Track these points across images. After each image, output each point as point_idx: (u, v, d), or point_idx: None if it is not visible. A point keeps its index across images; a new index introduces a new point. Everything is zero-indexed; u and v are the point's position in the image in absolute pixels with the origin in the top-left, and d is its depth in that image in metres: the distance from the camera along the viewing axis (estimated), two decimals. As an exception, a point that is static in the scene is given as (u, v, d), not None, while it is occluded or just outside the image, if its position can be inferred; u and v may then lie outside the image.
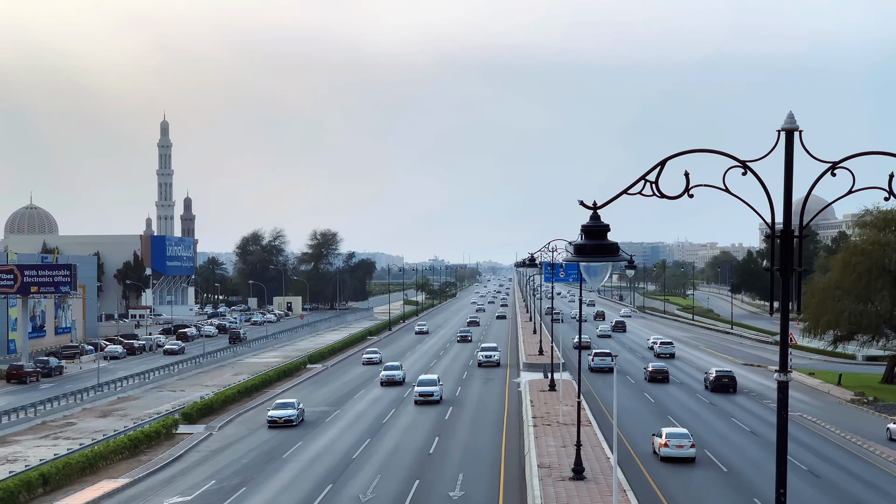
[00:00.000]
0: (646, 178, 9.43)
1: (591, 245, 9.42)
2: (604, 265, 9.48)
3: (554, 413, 52.17)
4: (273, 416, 54.59)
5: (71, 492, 39.04)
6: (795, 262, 9.73)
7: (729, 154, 9.63)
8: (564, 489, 34.43)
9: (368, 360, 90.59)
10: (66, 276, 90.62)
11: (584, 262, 9.54)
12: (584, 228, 9.47)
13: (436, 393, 61.06)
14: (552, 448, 42.27)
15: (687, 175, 9.49)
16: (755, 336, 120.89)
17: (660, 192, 9.39)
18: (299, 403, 57.15)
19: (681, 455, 41.52)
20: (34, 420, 61.23)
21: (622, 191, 9.52)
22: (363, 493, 37.38)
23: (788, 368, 10.39)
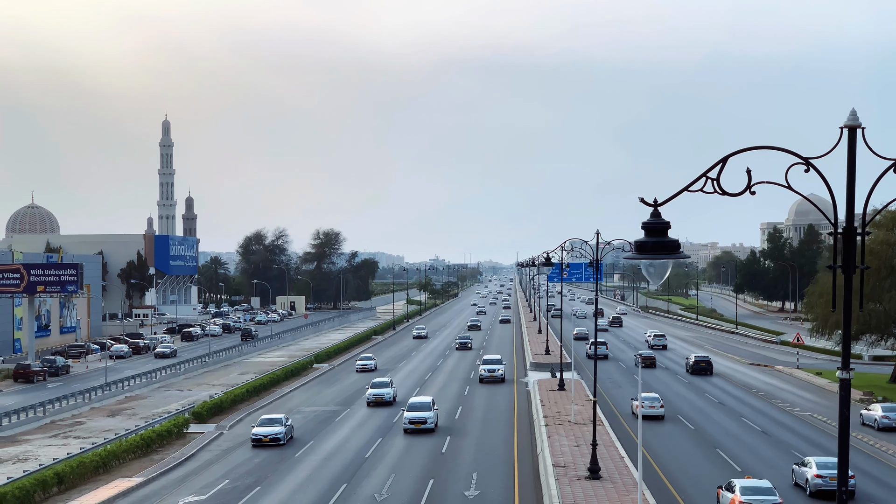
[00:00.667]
0: (707, 175, 9.41)
1: (652, 242, 9.40)
2: (665, 262, 9.46)
3: (565, 412, 52.15)
4: (258, 434, 47.94)
5: (85, 491, 39.03)
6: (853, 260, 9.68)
7: (792, 151, 9.61)
8: (581, 488, 34.41)
9: (363, 366, 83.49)
10: (73, 276, 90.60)
11: (645, 260, 9.52)
12: (645, 225, 9.45)
13: (429, 419, 50.22)
14: (566, 447, 42.25)
15: (749, 172, 9.48)
16: (760, 336, 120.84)
17: (721, 189, 9.38)
18: (287, 419, 50.52)
19: (652, 413, 53.00)
20: (43, 419, 61.28)
21: (683, 188, 9.51)
22: (378, 491, 37.39)
23: (850, 367, 10.36)
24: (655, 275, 9.51)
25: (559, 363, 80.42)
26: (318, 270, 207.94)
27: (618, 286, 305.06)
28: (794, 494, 36.24)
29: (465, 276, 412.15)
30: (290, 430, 49.87)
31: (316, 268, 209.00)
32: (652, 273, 9.52)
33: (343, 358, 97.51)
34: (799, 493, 36.34)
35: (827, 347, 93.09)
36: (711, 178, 9.39)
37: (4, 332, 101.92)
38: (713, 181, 9.38)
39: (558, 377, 66.33)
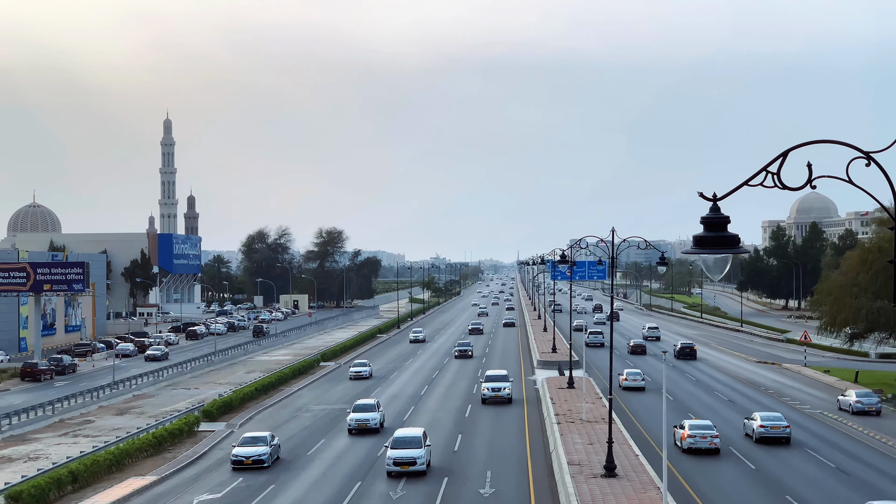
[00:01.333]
0: (767, 169, 9.35)
1: (711, 237, 9.34)
2: (725, 257, 9.40)
3: (576, 410, 52.10)
4: (238, 455, 41.58)
5: (99, 489, 39.00)
6: None
7: (853, 146, 9.54)
8: (598, 486, 34.36)
9: (356, 374, 76.22)
10: (79, 274, 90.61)
11: (704, 254, 9.45)
12: (705, 220, 9.39)
13: (420, 460, 39.82)
14: (579, 446, 42.20)
15: (810, 166, 9.42)
16: (765, 334, 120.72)
17: (782, 184, 9.31)
18: (273, 438, 44.09)
19: (635, 385, 65.68)
20: (52, 418, 61.26)
21: (742, 182, 9.45)
22: (393, 490, 37.34)
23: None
24: (715, 269, 9.44)
25: (566, 361, 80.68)
26: (321, 269, 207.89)
27: (620, 284, 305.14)
28: (745, 441, 46.93)
29: (466, 274, 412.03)
30: (275, 449, 43.58)
31: (319, 266, 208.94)
32: (711, 268, 9.45)
33: (349, 356, 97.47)
34: (748, 440, 47.09)
35: (834, 345, 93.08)
36: (771, 172, 9.33)
37: (10, 331, 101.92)
38: (773, 175, 9.31)
39: (567, 375, 66.24)
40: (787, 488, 37.04)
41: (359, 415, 51.16)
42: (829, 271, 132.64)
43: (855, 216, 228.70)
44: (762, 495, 36.17)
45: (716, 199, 9.42)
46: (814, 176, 9.37)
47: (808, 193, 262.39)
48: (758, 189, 9.63)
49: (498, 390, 60.03)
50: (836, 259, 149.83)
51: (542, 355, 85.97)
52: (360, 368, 77.55)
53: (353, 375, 76.28)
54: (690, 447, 43.08)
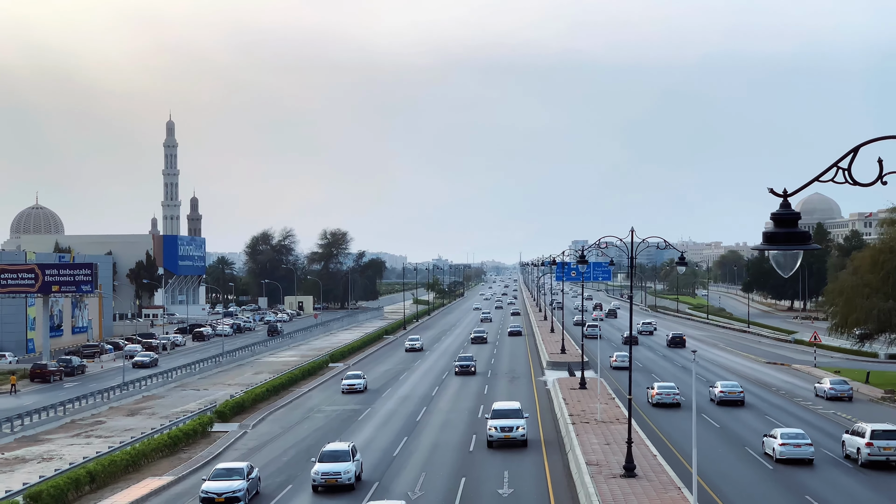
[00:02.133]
0: (838, 164, 9.31)
1: (782, 233, 9.31)
2: (795, 253, 9.37)
3: (590, 411, 52.06)
4: (209, 492, 35.56)
5: (117, 489, 38.98)
6: None
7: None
8: (618, 486, 34.31)
9: (350, 387, 67.87)
10: (88, 276, 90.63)
11: (774, 251, 9.42)
12: (775, 217, 9.35)
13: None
14: (595, 445, 42.15)
15: (880, 162, 9.38)
16: (773, 335, 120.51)
17: (852, 180, 9.27)
18: (251, 470, 37.50)
19: (623, 366, 75.40)
20: (64, 418, 61.27)
21: (813, 178, 9.41)
22: (411, 489, 37.33)
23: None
24: (786, 266, 9.41)
25: (576, 362, 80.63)
26: (326, 270, 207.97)
27: (620, 286, 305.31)
28: (710, 405, 59.50)
29: (469, 275, 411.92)
30: (254, 483, 37.17)
31: (323, 268, 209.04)
32: (782, 264, 9.42)
33: (357, 357, 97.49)
34: (712, 404, 59.64)
35: (842, 346, 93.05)
36: (842, 168, 9.29)
37: (18, 332, 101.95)
38: (844, 171, 9.28)
39: (579, 376, 66.16)
40: (727, 429, 50.81)
41: (327, 467, 37.73)
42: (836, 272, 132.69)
43: (858, 217, 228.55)
44: (707, 430, 49.70)
45: (786, 195, 9.39)
46: (884, 172, 9.32)
47: (811, 194, 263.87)
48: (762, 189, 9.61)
49: (509, 430, 45.91)
50: (843, 260, 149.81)
51: (550, 356, 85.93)
52: (354, 381, 68.63)
53: (345, 389, 67.43)
54: (658, 402, 58.15)
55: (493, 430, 46.12)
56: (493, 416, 47.49)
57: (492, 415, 47.76)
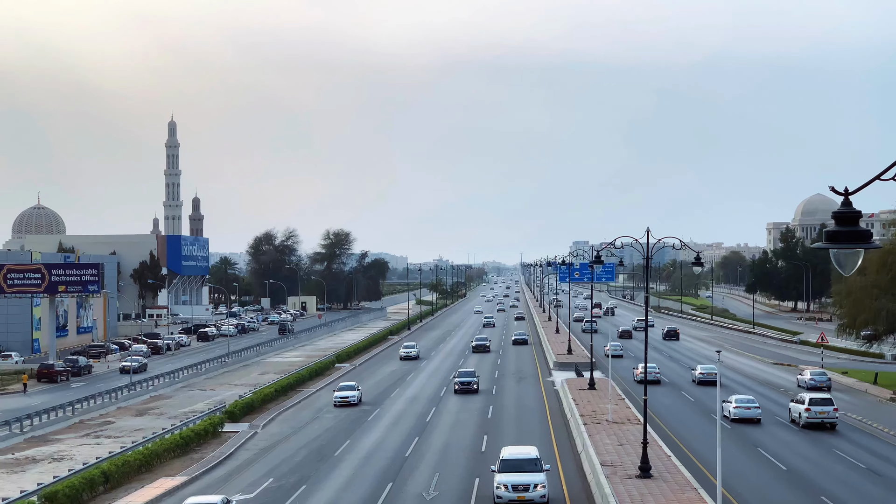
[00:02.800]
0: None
1: (844, 231, 9.27)
2: (857, 252, 9.33)
3: (601, 411, 52.00)
4: None
5: (131, 490, 38.93)
6: None
7: None
8: (635, 487, 34.26)
9: (342, 399, 60.59)
10: (94, 276, 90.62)
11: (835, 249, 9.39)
12: (836, 215, 9.32)
13: None
14: (609, 446, 42.09)
15: (941, 160, 9.33)
16: (778, 336, 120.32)
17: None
18: None
19: (616, 353, 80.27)
20: (72, 419, 61.24)
21: (874, 177, 9.38)
22: (426, 490, 37.29)
23: None
24: (846, 265, 9.37)
25: (584, 363, 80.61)
26: (329, 270, 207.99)
27: (622, 287, 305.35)
28: (691, 385, 70.81)
29: (471, 276, 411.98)
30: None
31: (326, 268, 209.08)
32: (843, 263, 9.38)
33: (363, 357, 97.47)
34: (692, 384, 70.46)
35: (848, 347, 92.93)
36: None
37: (23, 333, 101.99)
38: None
39: (588, 377, 66.12)
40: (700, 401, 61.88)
41: None
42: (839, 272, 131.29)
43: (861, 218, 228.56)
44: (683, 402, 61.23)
45: (847, 193, 9.36)
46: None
47: (813, 195, 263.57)
48: (763, 190, 9.55)
49: (524, 489, 34.73)
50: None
51: (557, 356, 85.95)
52: (348, 393, 61.18)
53: (338, 401, 60.57)
54: (641, 380, 61.07)
55: (502, 490, 34.72)
56: (501, 468, 36.08)
57: (499, 467, 36.20)
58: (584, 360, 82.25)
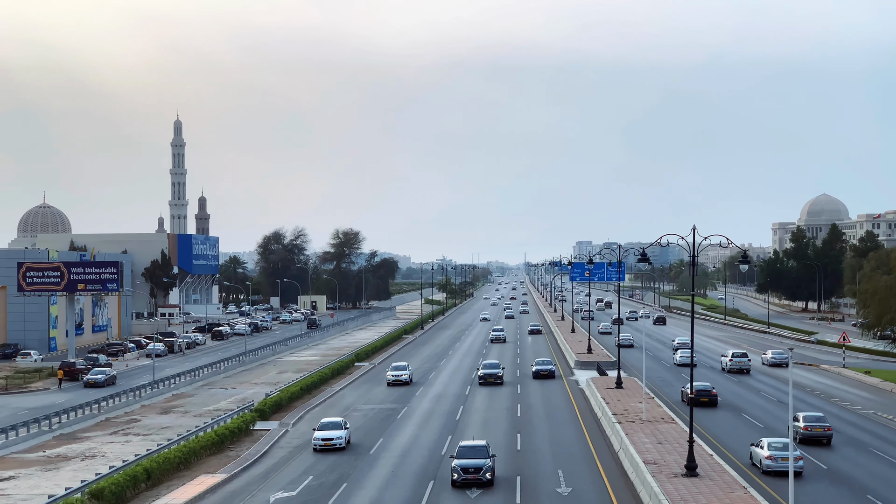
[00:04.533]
0: None
1: None
2: None
3: (633, 410, 51.83)
4: None
5: (172, 487, 38.85)
6: None
7: None
8: (683, 486, 34.10)
9: (324, 442, 45.54)
10: (113, 274, 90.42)
11: None
12: None
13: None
14: (648, 445, 41.92)
15: None
16: (794, 336, 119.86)
17: None
18: None
19: (606, 331, 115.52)
20: (98, 416, 61.19)
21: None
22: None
23: None
24: None
25: (606, 361, 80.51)
26: (338, 270, 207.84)
27: (629, 286, 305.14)
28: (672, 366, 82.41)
29: (477, 276, 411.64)
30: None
31: (335, 267, 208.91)
32: None
33: (381, 357, 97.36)
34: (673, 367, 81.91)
35: (867, 347, 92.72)
36: None
37: (41, 331, 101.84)
38: None
39: (612, 375, 65.98)
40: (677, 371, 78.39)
41: None
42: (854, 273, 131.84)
43: (867, 218, 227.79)
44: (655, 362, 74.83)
45: None
46: None
47: (818, 195, 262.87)
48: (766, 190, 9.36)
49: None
50: (860, 261, 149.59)
51: (577, 355, 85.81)
52: (332, 433, 45.94)
53: (319, 445, 45.66)
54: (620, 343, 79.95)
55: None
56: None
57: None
58: (606, 359, 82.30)
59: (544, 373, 73.71)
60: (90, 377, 76.12)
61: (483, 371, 72.44)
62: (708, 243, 34.77)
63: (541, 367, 74.60)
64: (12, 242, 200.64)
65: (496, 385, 70.25)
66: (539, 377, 73.42)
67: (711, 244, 34.75)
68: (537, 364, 75.63)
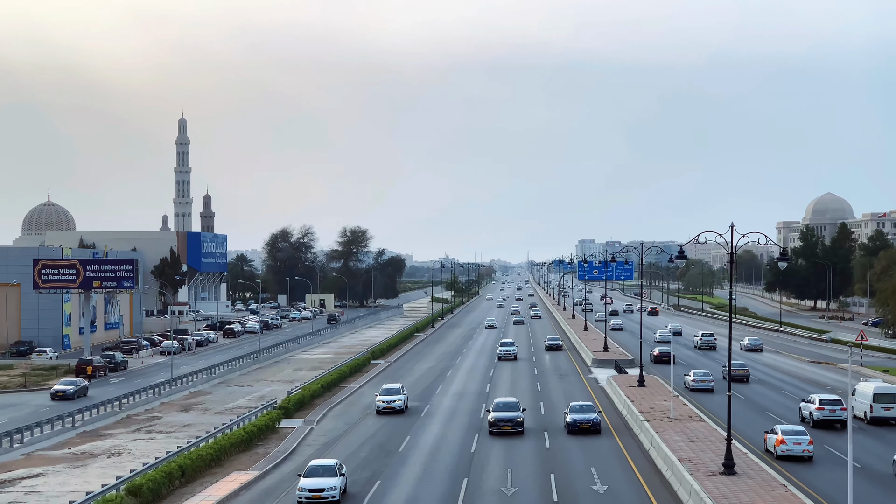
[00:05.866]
0: None
1: None
2: None
3: (659, 409, 51.73)
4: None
5: (206, 484, 38.77)
6: None
7: None
8: (722, 483, 34.00)
9: (311, 496, 35.01)
10: (129, 272, 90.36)
11: None
12: None
13: None
14: (680, 443, 41.82)
15: None
16: (807, 334, 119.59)
17: None
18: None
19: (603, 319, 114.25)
20: (119, 413, 61.23)
21: None
22: (503, 485, 37.11)
23: None
24: None
25: (623, 360, 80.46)
26: (345, 268, 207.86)
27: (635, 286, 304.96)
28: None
29: (482, 274, 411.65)
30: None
31: (343, 265, 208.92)
32: None
33: (396, 354, 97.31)
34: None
35: (882, 346, 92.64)
36: None
37: (54, 328, 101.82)
38: None
39: (633, 374, 65.91)
40: None
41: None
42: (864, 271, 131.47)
43: (871, 217, 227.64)
44: None
45: None
46: None
47: (823, 194, 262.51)
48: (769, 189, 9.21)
49: None
50: (870, 259, 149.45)
51: (594, 353, 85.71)
52: (321, 483, 35.49)
53: (305, 499, 35.24)
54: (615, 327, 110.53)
55: None
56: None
57: None
58: (623, 357, 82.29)
59: (585, 425, 47.87)
60: (58, 388, 67.47)
61: (495, 415, 48.87)
62: (747, 241, 34.58)
63: (580, 418, 48.32)
64: (17, 240, 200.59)
65: (514, 436, 48.19)
66: (578, 431, 47.96)
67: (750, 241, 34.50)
68: (574, 413, 49.21)
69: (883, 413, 49.62)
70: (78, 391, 67.81)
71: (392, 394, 58.09)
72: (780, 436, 41.53)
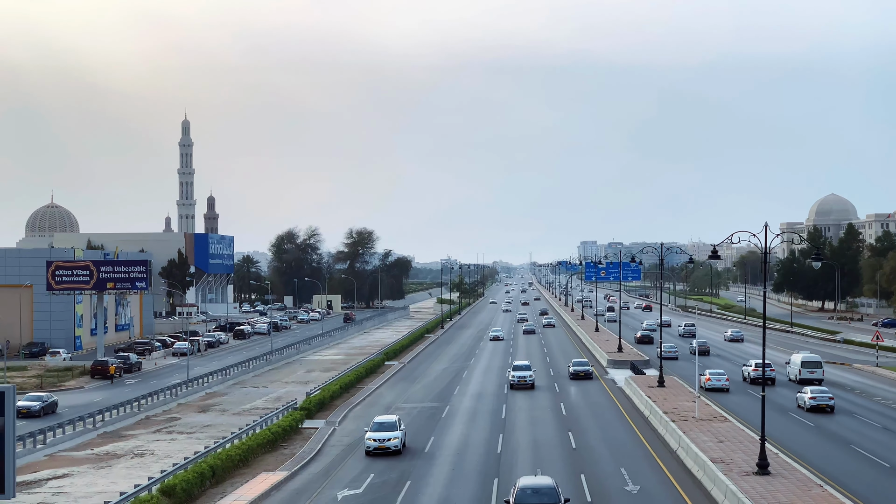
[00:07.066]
0: None
1: None
2: None
3: (683, 409, 51.60)
4: None
5: (236, 484, 38.67)
6: None
7: None
8: (758, 484, 33.88)
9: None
10: (142, 273, 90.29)
11: None
12: None
13: None
14: (710, 443, 41.67)
15: None
16: (818, 335, 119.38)
17: None
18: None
19: None
20: (138, 415, 61.13)
21: None
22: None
23: None
24: None
25: (639, 360, 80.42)
26: (352, 269, 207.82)
27: (641, 287, 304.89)
28: None
29: (487, 275, 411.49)
30: None
31: (349, 267, 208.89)
32: None
33: (409, 355, 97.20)
34: None
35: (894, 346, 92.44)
36: None
37: (66, 330, 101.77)
38: None
39: (652, 374, 65.84)
40: None
41: None
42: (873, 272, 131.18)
43: (875, 218, 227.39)
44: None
45: None
46: None
47: (827, 195, 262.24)
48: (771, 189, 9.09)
49: None
50: (879, 260, 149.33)
51: (609, 354, 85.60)
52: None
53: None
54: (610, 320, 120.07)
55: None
56: None
57: None
58: (638, 358, 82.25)
59: None
60: (23, 404, 58.21)
61: None
62: (780, 240, 34.46)
63: None
64: (20, 242, 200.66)
65: None
66: None
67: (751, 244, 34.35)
68: None
69: (808, 375, 66.64)
70: (45, 407, 59.73)
71: (386, 429, 43.76)
72: (707, 375, 64.16)
